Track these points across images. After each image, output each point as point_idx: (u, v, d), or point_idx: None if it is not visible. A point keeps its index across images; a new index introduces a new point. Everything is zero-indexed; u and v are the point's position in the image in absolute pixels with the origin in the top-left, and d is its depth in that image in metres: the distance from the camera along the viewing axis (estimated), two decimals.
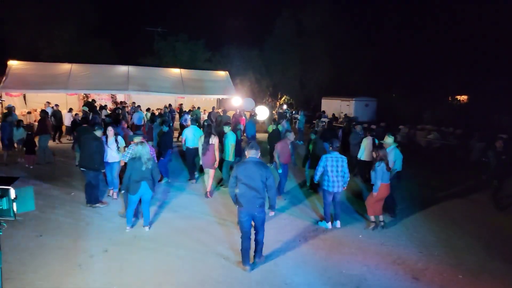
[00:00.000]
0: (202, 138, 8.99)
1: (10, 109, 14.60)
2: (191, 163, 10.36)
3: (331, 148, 7.38)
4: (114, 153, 8.37)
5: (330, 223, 7.39)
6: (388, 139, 8.19)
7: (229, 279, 5.33)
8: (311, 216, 8.05)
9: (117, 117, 13.45)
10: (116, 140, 8.44)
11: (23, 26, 27.64)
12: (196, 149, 9.64)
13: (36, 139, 12.02)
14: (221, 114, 17.74)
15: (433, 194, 10.19)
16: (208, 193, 9.02)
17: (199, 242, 6.52)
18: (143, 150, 6.69)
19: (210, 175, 8.99)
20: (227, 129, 9.50)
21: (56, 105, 16.73)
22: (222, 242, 6.52)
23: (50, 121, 14.15)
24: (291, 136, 8.98)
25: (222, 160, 9.48)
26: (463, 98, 28.19)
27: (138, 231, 6.89)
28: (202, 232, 6.92)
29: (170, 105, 20.40)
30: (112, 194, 8.73)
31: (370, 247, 6.57)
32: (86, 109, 16.51)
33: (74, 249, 6.07)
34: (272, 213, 5.78)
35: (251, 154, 5.51)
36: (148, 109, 18.34)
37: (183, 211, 8.07)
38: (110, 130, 8.49)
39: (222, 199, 8.89)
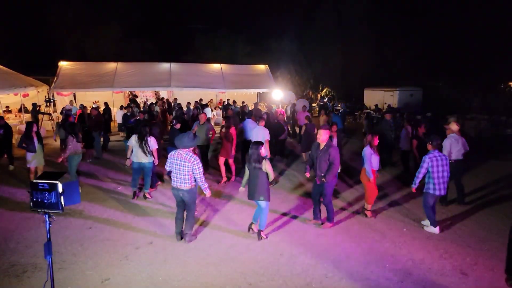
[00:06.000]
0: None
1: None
2: None
3: (431, 146, 6.59)
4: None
5: (438, 227, 6.66)
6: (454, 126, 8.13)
7: (270, 270, 5.34)
8: (353, 208, 7.91)
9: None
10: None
11: (71, 28, 29.14)
12: None
13: None
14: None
15: (483, 186, 9.67)
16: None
17: (242, 234, 6.58)
18: None
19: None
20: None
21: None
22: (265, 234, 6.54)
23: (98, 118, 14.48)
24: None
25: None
26: None
27: None
28: (245, 225, 6.95)
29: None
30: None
31: (415, 241, 6.37)
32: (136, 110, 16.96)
33: (121, 241, 6.31)
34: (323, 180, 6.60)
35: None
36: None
37: (223, 205, 8.18)
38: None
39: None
